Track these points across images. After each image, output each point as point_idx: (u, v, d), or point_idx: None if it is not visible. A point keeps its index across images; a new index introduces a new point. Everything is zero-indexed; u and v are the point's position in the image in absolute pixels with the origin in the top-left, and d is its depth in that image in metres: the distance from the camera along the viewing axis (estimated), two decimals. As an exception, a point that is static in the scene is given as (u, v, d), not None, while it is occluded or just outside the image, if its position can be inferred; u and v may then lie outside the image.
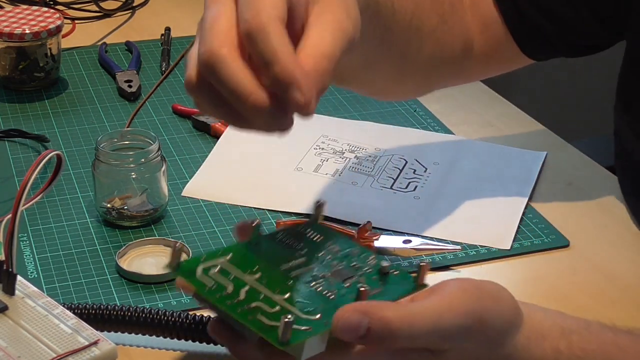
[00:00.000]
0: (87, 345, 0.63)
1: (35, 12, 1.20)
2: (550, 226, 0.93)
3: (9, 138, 1.08)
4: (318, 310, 0.61)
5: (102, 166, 0.91)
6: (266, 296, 0.61)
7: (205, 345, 0.75)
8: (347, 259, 0.66)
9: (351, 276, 0.64)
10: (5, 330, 0.64)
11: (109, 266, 0.86)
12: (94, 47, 1.32)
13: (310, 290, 0.63)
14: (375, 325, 0.58)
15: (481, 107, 1.18)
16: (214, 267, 0.64)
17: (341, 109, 1.17)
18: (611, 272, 0.88)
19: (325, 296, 0.62)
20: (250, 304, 0.61)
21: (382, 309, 0.59)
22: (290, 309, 0.60)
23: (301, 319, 0.60)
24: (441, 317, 0.59)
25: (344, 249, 0.67)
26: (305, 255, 0.66)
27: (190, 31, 1.37)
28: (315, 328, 0.59)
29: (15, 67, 1.18)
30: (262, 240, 0.67)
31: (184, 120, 1.13)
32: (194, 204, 0.96)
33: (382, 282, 0.64)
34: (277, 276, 0.64)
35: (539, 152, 1.06)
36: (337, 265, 0.65)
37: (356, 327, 0.58)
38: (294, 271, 0.64)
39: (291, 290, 0.62)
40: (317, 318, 0.60)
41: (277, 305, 0.61)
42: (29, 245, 0.89)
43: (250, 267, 0.64)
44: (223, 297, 0.62)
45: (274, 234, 0.68)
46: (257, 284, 0.62)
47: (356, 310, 0.58)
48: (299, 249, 0.66)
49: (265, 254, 0.66)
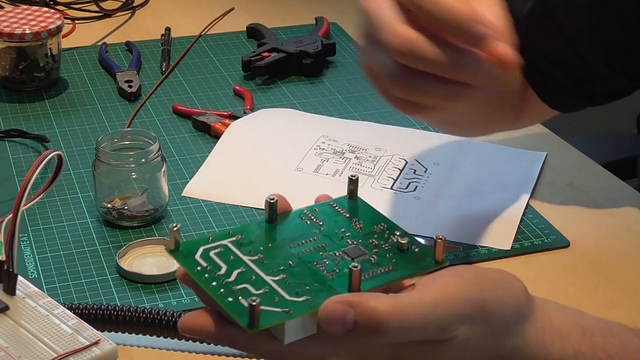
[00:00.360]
0: (87, 345, 0.63)
1: (36, 12, 1.20)
2: (550, 226, 0.93)
3: (9, 138, 1.08)
4: (307, 292, 0.58)
5: (102, 166, 0.91)
6: (258, 277, 0.59)
7: (205, 345, 0.75)
8: (367, 236, 0.63)
9: (363, 254, 0.61)
10: (6, 330, 0.64)
11: (109, 266, 0.86)
12: (94, 47, 1.32)
13: (309, 270, 0.60)
14: (362, 317, 0.55)
15: (481, 107, 1.18)
16: (215, 249, 0.62)
17: (341, 109, 1.17)
18: (611, 272, 0.88)
19: (324, 276, 0.59)
20: (238, 285, 0.58)
21: (370, 300, 0.56)
22: (278, 290, 0.58)
23: (285, 300, 0.57)
24: (436, 307, 0.56)
25: (368, 226, 0.64)
26: (323, 233, 0.63)
27: (190, 31, 1.37)
28: (295, 311, 0.56)
29: (15, 67, 1.18)
30: (284, 218, 0.64)
31: (184, 120, 1.13)
32: (194, 204, 0.96)
33: (398, 260, 0.61)
34: (280, 256, 0.61)
35: (539, 152, 1.06)
36: (351, 244, 0.62)
37: (341, 320, 0.55)
38: (301, 249, 0.61)
39: (289, 271, 0.59)
40: (302, 300, 0.57)
41: (266, 286, 0.58)
42: (30, 245, 0.89)
43: (256, 247, 0.61)
44: (211, 278, 0.59)
45: (300, 211, 0.65)
46: (255, 265, 0.60)
47: (342, 302, 0.55)
48: (319, 226, 0.63)
49: (280, 232, 0.63)
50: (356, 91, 1.21)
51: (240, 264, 0.60)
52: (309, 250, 0.61)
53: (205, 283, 0.59)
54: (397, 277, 0.59)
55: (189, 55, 1.30)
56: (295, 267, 0.60)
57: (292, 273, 0.59)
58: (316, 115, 1.15)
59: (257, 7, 1.47)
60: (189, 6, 1.47)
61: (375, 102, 1.18)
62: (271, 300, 0.57)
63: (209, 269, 0.59)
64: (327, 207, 0.65)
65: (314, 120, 1.13)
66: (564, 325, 0.62)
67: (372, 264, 0.60)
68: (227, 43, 1.34)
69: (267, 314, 0.56)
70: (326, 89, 1.22)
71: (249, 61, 1.24)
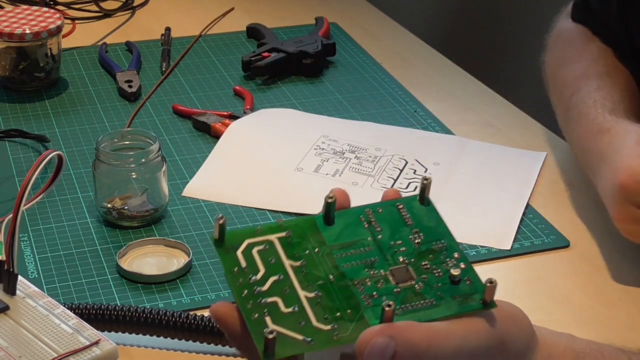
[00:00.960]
0: (88, 345, 0.63)
1: (36, 12, 1.20)
2: (550, 226, 0.93)
3: (9, 138, 1.08)
4: (336, 319, 0.56)
5: (102, 166, 0.91)
6: (292, 291, 0.57)
7: (205, 345, 0.75)
8: (422, 255, 0.59)
9: (410, 279, 0.58)
10: (6, 330, 0.64)
11: (109, 266, 0.86)
12: (94, 47, 1.32)
13: (347, 290, 0.57)
14: (401, 348, 0.55)
15: (481, 107, 1.18)
16: (260, 245, 0.58)
17: (341, 109, 1.17)
18: (611, 272, 0.88)
19: (360, 300, 0.57)
20: (269, 298, 0.56)
21: (407, 330, 0.56)
22: (307, 311, 0.56)
23: (311, 326, 0.55)
24: (466, 339, 0.57)
25: (427, 242, 0.60)
26: (377, 242, 0.59)
27: (190, 31, 1.37)
28: (316, 342, 0.55)
29: (15, 67, 1.18)
30: (341, 215, 0.60)
31: (184, 120, 1.13)
32: (194, 204, 0.96)
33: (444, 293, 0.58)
34: (323, 266, 0.58)
35: (539, 152, 1.07)
36: (402, 262, 0.59)
37: (382, 352, 0.55)
38: (347, 262, 0.58)
39: (326, 287, 0.57)
40: (327, 329, 0.55)
41: (296, 305, 0.56)
42: (30, 245, 0.89)
43: (302, 250, 0.58)
44: (245, 284, 0.56)
45: (361, 209, 0.61)
46: (293, 274, 0.57)
47: (382, 334, 0.55)
48: (376, 233, 0.60)
49: (332, 235, 0.59)
50: (356, 91, 1.21)
51: (279, 270, 0.57)
52: (355, 264, 0.59)
53: (237, 289, 0.57)
54: (436, 315, 0.57)
55: (189, 55, 1.30)
56: (334, 283, 0.57)
57: (328, 291, 0.57)
58: (316, 115, 1.15)
59: (257, 7, 1.47)
60: (189, 6, 1.47)
61: (375, 102, 1.18)
62: (296, 324, 0.55)
63: (245, 271, 0.57)
64: (393, 208, 0.62)
65: (314, 120, 1.13)
66: (558, 351, 0.64)
67: (415, 294, 0.58)
68: (227, 43, 1.34)
69: (287, 341, 0.54)
70: (326, 89, 1.22)
71: (249, 61, 1.24)
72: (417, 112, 1.16)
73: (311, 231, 0.59)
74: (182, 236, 0.91)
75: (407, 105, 1.18)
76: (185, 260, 0.86)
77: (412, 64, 1.31)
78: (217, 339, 0.74)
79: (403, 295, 0.57)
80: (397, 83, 1.24)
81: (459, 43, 1.89)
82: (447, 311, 0.57)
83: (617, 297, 0.85)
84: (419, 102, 1.18)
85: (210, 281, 0.85)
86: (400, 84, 1.23)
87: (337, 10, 1.46)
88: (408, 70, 1.28)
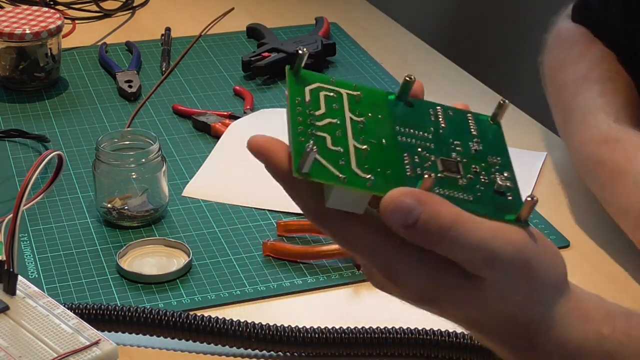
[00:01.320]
0: (88, 345, 0.63)
1: (36, 12, 1.20)
2: (550, 226, 0.93)
3: (9, 138, 1.08)
4: (376, 173, 0.54)
5: (102, 166, 0.91)
6: (343, 135, 0.55)
7: (205, 345, 0.75)
8: (476, 160, 0.58)
9: (456, 171, 0.56)
10: (7, 330, 0.64)
11: (109, 266, 0.86)
12: (94, 47, 1.32)
13: (396, 156, 0.55)
14: (426, 216, 0.52)
15: (481, 107, 1.18)
16: (330, 91, 0.57)
17: (341, 109, 1.17)
18: (611, 272, 0.88)
19: (404, 167, 0.55)
20: (320, 132, 0.55)
21: (438, 202, 0.53)
22: (350, 155, 0.54)
23: (349, 168, 0.53)
24: (494, 237, 0.54)
25: (485, 152, 0.59)
26: (438, 134, 0.58)
27: (190, 31, 1.37)
28: (350, 181, 0.53)
29: (15, 67, 1.18)
30: (415, 102, 0.60)
31: (184, 120, 1.13)
32: (194, 204, 0.96)
33: (484, 196, 0.56)
34: (381, 130, 0.57)
35: (539, 152, 1.07)
36: (455, 158, 0.57)
37: (406, 213, 0.52)
38: (405, 136, 0.57)
39: (376, 146, 0.55)
40: (364, 176, 0.53)
41: (343, 146, 0.54)
42: (30, 245, 0.89)
43: (366, 110, 0.57)
44: (302, 113, 0.55)
45: (434, 104, 0.61)
46: (351, 124, 0.56)
47: (411, 195, 0.53)
48: (440, 127, 0.59)
49: (399, 110, 0.59)
50: (356, 91, 1.21)
51: (339, 116, 0.56)
52: (411, 141, 0.57)
53: (293, 115, 0.55)
54: (470, 209, 0.55)
55: (189, 55, 1.30)
56: (386, 147, 0.56)
57: (377, 149, 0.55)
58: (316, 115, 1.15)
59: (257, 7, 1.47)
60: (189, 6, 1.47)
61: (375, 102, 1.18)
62: (337, 160, 0.54)
63: (307, 104, 0.56)
64: (463, 116, 0.61)
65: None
66: (589, 308, 0.61)
67: (457, 186, 0.56)
68: (227, 43, 1.34)
69: (322, 169, 0.53)
70: (326, 89, 1.21)
71: (249, 61, 1.24)
72: (417, 112, 1.16)
73: (382, 101, 0.59)
74: (182, 236, 0.91)
75: (407, 105, 1.18)
76: (185, 260, 0.86)
77: (412, 64, 1.31)
78: (217, 339, 0.74)
79: (445, 182, 0.56)
80: (397, 83, 1.23)
81: (459, 43, 1.89)
82: (481, 210, 0.55)
83: (617, 297, 0.84)
84: (419, 102, 1.18)
85: (210, 281, 0.85)
86: (400, 84, 1.23)
87: (337, 10, 1.46)
88: (408, 70, 1.27)
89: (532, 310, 0.58)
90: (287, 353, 0.75)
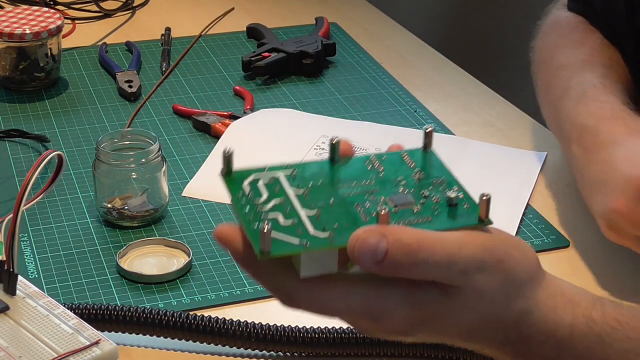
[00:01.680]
0: (88, 345, 0.63)
1: (36, 12, 1.20)
2: (550, 226, 0.93)
3: (9, 138, 1.08)
4: (334, 229, 0.56)
5: (102, 166, 0.91)
6: (292, 209, 0.57)
7: (205, 345, 0.75)
8: (422, 186, 0.60)
9: (408, 203, 0.59)
10: (7, 330, 0.64)
11: (109, 266, 0.86)
12: (94, 47, 1.32)
13: (347, 210, 0.58)
14: (393, 247, 0.54)
15: (481, 107, 1.18)
16: (266, 178, 0.60)
17: (341, 109, 1.17)
18: (611, 272, 0.88)
19: (358, 217, 0.57)
20: (270, 213, 0.57)
21: (399, 230, 0.55)
22: (305, 222, 0.56)
23: (308, 234, 0.56)
24: (461, 248, 0.56)
25: (428, 178, 0.61)
26: (379, 179, 0.61)
27: (190, 31, 1.37)
28: (312, 244, 0.55)
29: (15, 67, 1.18)
30: (347, 160, 0.62)
31: (184, 120, 1.13)
32: (194, 204, 0.96)
33: (441, 213, 0.58)
34: (325, 194, 0.59)
35: (539, 152, 1.07)
36: (403, 192, 0.59)
37: (373, 250, 0.54)
38: (349, 191, 0.59)
39: (326, 208, 0.58)
40: (323, 236, 0.56)
41: (295, 218, 0.57)
42: (30, 245, 0.89)
43: (305, 182, 0.60)
44: (248, 204, 0.58)
45: (367, 156, 0.63)
46: (296, 198, 0.58)
47: (372, 231, 0.54)
48: (378, 172, 0.61)
49: (336, 172, 0.61)
50: (356, 91, 1.21)
51: (282, 195, 0.59)
52: (356, 193, 0.59)
53: (240, 208, 0.58)
54: (432, 228, 0.57)
55: (189, 55, 1.30)
56: (335, 205, 0.58)
57: (328, 211, 0.58)
58: (316, 115, 1.15)
59: (257, 7, 1.47)
60: (189, 6, 1.47)
61: (375, 102, 1.18)
62: (295, 232, 0.56)
63: (249, 197, 0.58)
64: (397, 156, 0.63)
65: (314, 120, 1.13)
66: (575, 293, 0.62)
67: (413, 213, 0.58)
68: (227, 43, 1.34)
69: (283, 244, 0.55)
70: (326, 89, 1.22)
71: (249, 61, 1.24)
72: (417, 112, 1.16)
73: (317, 169, 0.61)
74: (182, 236, 0.91)
75: (407, 105, 1.18)
76: (185, 260, 0.86)
77: (412, 64, 1.31)
78: (217, 339, 0.74)
79: (400, 214, 0.58)
80: (397, 83, 1.24)
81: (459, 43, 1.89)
82: (442, 225, 0.57)
83: (616, 297, 0.84)
84: (419, 102, 1.18)
85: (210, 281, 0.85)
86: (400, 84, 1.23)
87: (337, 10, 1.46)
88: (408, 70, 1.28)
89: (516, 305, 0.59)
90: (287, 353, 0.75)
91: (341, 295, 0.56)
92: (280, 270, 0.56)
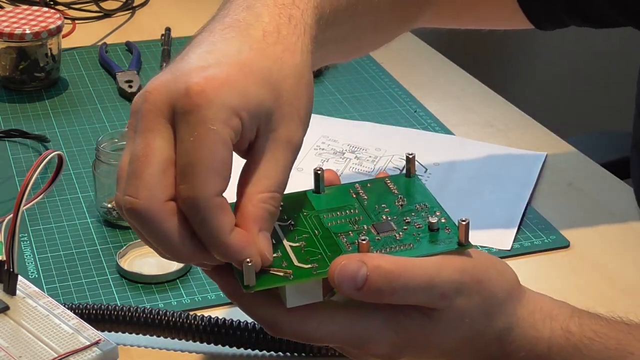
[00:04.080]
0: (88, 345, 0.63)
1: (36, 12, 1.20)
2: (550, 226, 0.93)
3: (9, 138, 1.08)
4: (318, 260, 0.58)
5: (102, 166, 0.91)
6: (277, 242, 0.59)
7: (205, 345, 0.75)
8: (405, 213, 0.62)
9: (390, 230, 0.60)
10: (7, 330, 0.64)
11: (109, 266, 0.86)
12: (94, 47, 1.32)
13: (331, 240, 0.59)
14: (373, 274, 0.55)
15: (481, 107, 1.18)
16: None
17: (341, 109, 1.17)
18: (611, 272, 0.88)
19: (342, 246, 0.59)
20: None
21: (378, 258, 0.56)
22: (290, 254, 0.58)
23: (292, 265, 0.57)
24: (440, 272, 0.57)
25: (411, 204, 0.63)
26: (363, 207, 0.62)
27: (190, 31, 1.36)
28: (296, 275, 0.57)
29: (15, 67, 1.18)
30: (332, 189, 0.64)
31: (184, 120, 1.13)
32: (195, 204, 0.96)
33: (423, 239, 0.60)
34: (310, 225, 0.61)
35: (539, 152, 1.07)
36: (385, 219, 0.61)
37: (353, 276, 0.55)
38: (333, 221, 0.61)
39: (311, 240, 0.60)
40: (307, 267, 0.57)
41: (279, 251, 0.58)
42: (30, 245, 0.89)
43: (290, 214, 0.62)
44: None
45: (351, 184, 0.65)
46: (280, 230, 0.60)
47: (353, 259, 0.56)
48: (362, 200, 0.63)
49: (320, 202, 0.63)
50: (356, 91, 1.21)
51: None
52: (340, 222, 0.61)
53: None
54: (414, 254, 0.59)
55: (189, 55, 1.30)
56: (320, 236, 0.60)
57: (312, 242, 0.59)
58: (316, 115, 1.15)
59: (257, 7, 1.46)
60: (189, 6, 1.47)
61: (375, 102, 1.18)
62: (279, 264, 0.57)
63: None
64: (381, 183, 0.65)
65: (314, 120, 1.12)
66: (553, 307, 0.63)
67: (395, 240, 0.60)
68: (227, 43, 1.34)
69: (267, 277, 0.57)
70: (326, 89, 1.22)
71: (249, 61, 1.23)
72: (417, 112, 1.16)
73: (302, 201, 0.63)
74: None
75: (407, 105, 1.18)
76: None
77: (412, 64, 1.31)
78: (217, 338, 0.74)
79: (383, 242, 0.59)
80: (397, 83, 1.24)
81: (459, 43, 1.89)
82: (422, 251, 0.59)
83: (617, 297, 0.85)
84: (419, 102, 1.18)
85: (210, 281, 0.84)
86: (400, 84, 1.23)
87: (337, 10, 1.45)
88: (408, 70, 1.28)
89: (497, 323, 0.61)
90: (287, 353, 0.75)
91: (326, 323, 0.58)
92: (266, 302, 0.58)
